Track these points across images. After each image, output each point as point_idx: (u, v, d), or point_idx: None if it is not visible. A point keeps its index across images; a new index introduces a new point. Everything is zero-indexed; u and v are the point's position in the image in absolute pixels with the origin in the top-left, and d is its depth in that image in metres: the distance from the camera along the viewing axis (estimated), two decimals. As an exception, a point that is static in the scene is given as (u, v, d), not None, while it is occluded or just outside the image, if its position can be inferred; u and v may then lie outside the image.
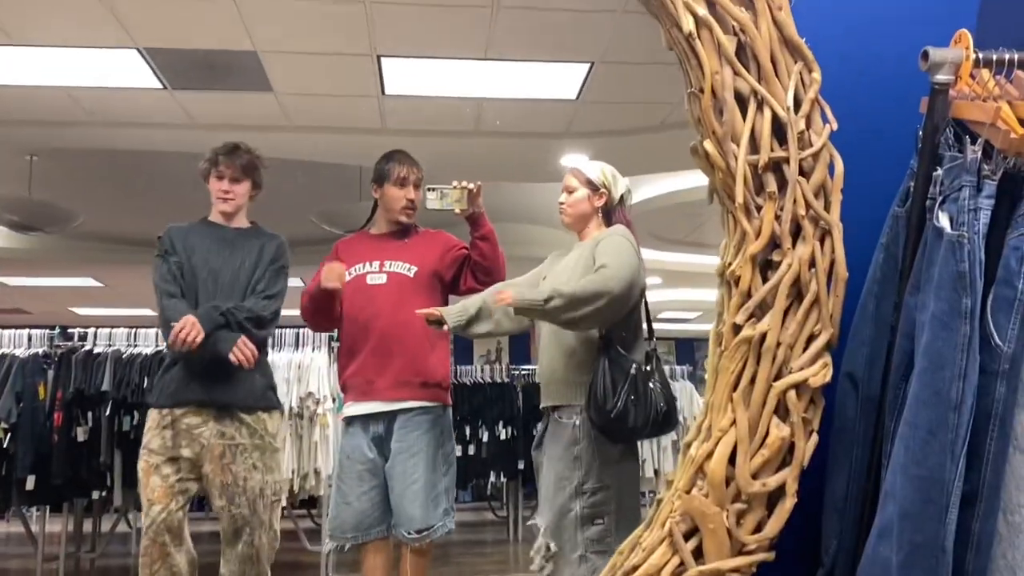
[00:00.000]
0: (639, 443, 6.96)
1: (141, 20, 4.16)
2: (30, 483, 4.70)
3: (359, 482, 2.92)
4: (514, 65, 4.81)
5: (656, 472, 7.02)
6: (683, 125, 5.72)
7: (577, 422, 2.60)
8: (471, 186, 2.86)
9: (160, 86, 4.86)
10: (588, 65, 4.77)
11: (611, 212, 2.78)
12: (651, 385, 2.59)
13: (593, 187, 2.78)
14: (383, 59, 4.64)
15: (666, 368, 7.71)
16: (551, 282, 2.73)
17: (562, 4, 4.08)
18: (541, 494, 2.71)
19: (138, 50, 4.43)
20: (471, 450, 6.77)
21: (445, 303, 3.05)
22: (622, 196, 2.80)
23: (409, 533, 2.87)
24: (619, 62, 4.71)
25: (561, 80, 5.00)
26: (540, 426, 2.77)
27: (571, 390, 2.63)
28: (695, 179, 6.67)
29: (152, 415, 2.87)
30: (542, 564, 2.59)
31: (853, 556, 1.91)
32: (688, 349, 12.22)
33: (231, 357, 2.72)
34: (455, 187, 2.85)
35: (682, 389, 7.29)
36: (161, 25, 4.22)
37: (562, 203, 2.78)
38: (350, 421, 2.99)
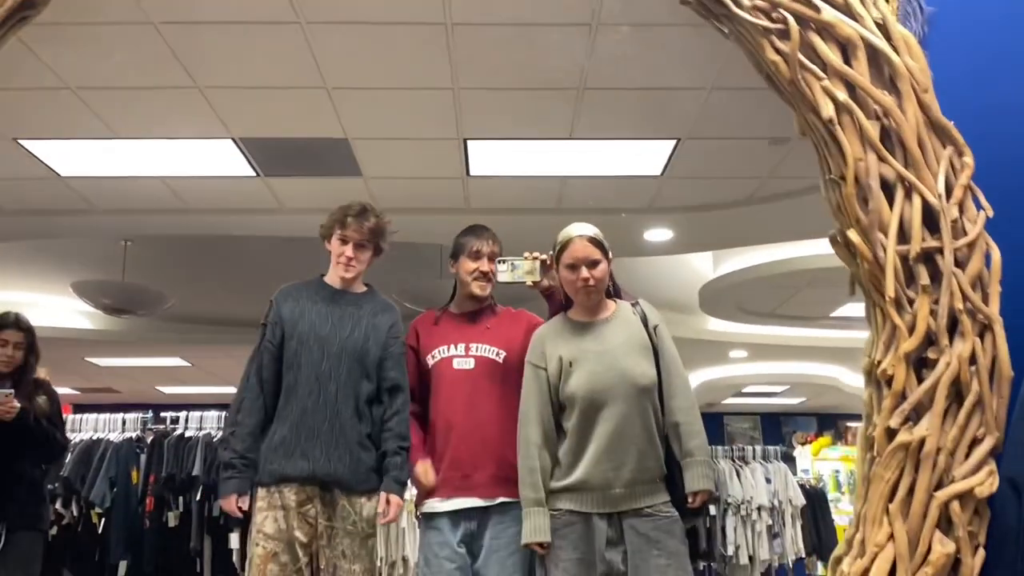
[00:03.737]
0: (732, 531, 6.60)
1: (238, 111, 4.26)
2: (122, 569, 4.70)
3: None
4: (598, 143, 4.78)
5: (751, 559, 6.70)
6: (772, 199, 5.60)
7: (676, 515, 2.48)
8: (543, 256, 2.76)
9: (253, 173, 4.97)
10: (674, 141, 4.72)
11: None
12: None
13: (606, 255, 2.61)
14: (469, 142, 4.66)
15: (757, 448, 7.42)
16: (607, 365, 2.54)
17: (649, 83, 4.05)
18: None
19: (233, 140, 4.54)
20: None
21: None
22: None
23: None
24: (707, 137, 4.64)
25: (646, 156, 4.95)
26: (608, 529, 2.47)
27: (666, 482, 2.52)
28: (782, 252, 6.53)
29: (260, 493, 2.75)
30: None
31: None
32: (774, 424, 11.84)
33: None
34: (526, 258, 2.77)
35: (776, 471, 6.99)
36: (257, 116, 4.31)
37: (586, 279, 2.55)
38: (438, 515, 2.87)
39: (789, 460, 8.36)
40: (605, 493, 2.47)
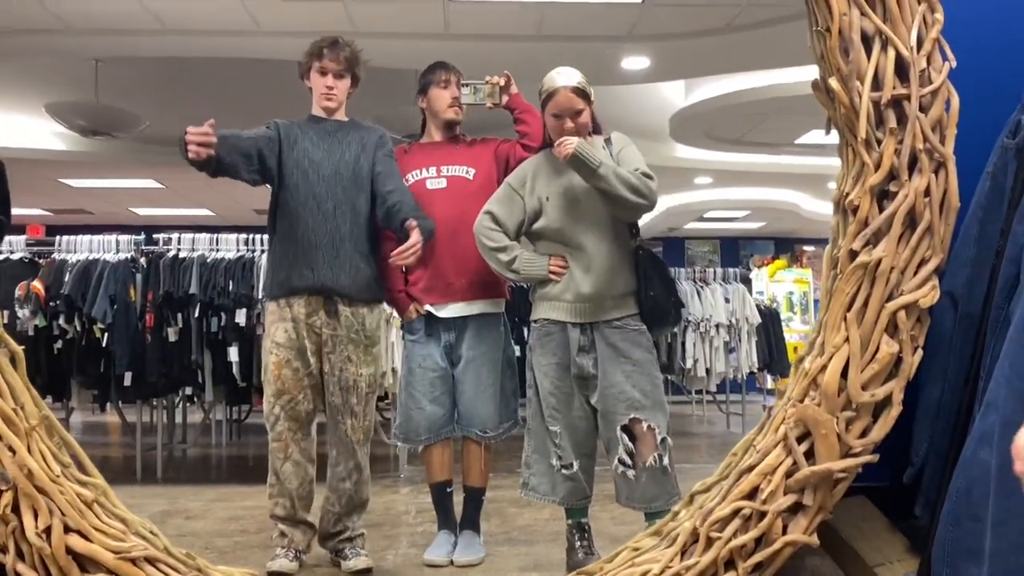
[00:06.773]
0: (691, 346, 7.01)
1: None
2: (127, 380, 5.01)
3: (431, 388, 3.10)
4: (581, -32, 4.80)
5: (708, 371, 7.21)
6: (749, 27, 5.67)
7: (643, 328, 2.75)
8: (501, 81, 3.05)
9: (231, -6, 4.92)
10: (657, -32, 4.75)
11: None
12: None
13: (588, 100, 2.75)
14: (451, -35, 4.65)
15: (718, 270, 7.78)
16: (580, 199, 2.75)
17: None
18: (612, 398, 2.69)
19: (214, -40, 4.49)
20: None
21: None
22: None
23: (484, 432, 3.11)
24: (689, -35, 4.68)
25: (627, -17, 4.98)
26: (581, 337, 2.74)
27: (634, 299, 2.76)
28: (753, 80, 6.65)
29: (271, 307, 2.99)
30: (659, 454, 2.66)
31: (944, 457, 2.09)
32: (733, 248, 12.29)
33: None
34: (487, 82, 3.04)
35: (735, 291, 7.41)
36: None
37: (570, 128, 2.69)
38: (428, 327, 3.13)
39: (746, 282, 8.85)
40: (576, 306, 2.75)
